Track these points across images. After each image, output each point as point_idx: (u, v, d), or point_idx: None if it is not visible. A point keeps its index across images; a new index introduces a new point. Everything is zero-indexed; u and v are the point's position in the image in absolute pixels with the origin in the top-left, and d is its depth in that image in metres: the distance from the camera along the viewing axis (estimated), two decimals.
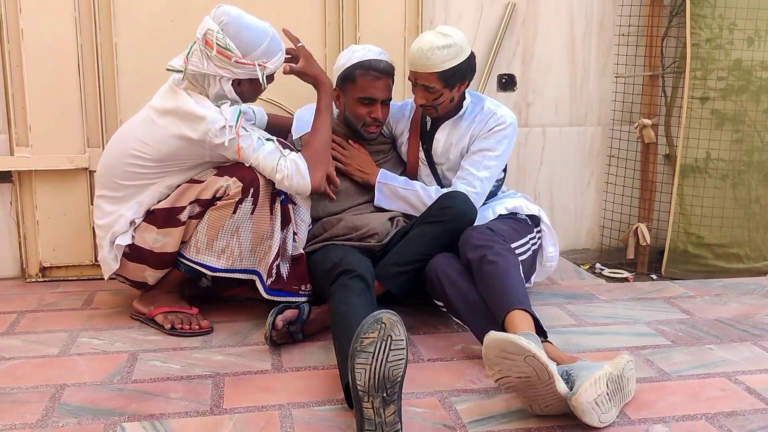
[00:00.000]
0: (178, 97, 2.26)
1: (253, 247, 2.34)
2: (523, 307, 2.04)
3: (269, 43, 2.27)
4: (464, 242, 2.30)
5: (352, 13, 2.96)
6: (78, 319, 2.50)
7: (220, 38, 2.21)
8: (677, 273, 3.13)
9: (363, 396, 1.65)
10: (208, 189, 2.27)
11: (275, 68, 2.33)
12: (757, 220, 3.16)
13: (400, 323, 1.69)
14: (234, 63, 2.22)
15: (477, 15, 3.15)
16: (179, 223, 2.29)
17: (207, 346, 2.28)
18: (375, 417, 1.66)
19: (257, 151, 2.26)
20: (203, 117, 2.21)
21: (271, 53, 2.28)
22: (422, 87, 2.48)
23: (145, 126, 2.31)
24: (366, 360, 1.65)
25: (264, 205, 2.31)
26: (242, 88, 2.32)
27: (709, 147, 3.09)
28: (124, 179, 2.32)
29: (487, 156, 2.54)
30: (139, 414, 1.84)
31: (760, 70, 3.07)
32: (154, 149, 2.27)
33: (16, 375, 2.07)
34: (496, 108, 2.59)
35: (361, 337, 1.66)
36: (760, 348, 2.31)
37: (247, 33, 2.24)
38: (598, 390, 1.77)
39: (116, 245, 2.34)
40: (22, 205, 2.87)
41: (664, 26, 3.20)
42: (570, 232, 3.43)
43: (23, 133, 2.79)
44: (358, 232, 2.46)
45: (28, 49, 2.74)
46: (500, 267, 2.17)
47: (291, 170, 2.27)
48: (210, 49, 2.21)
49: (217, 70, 2.23)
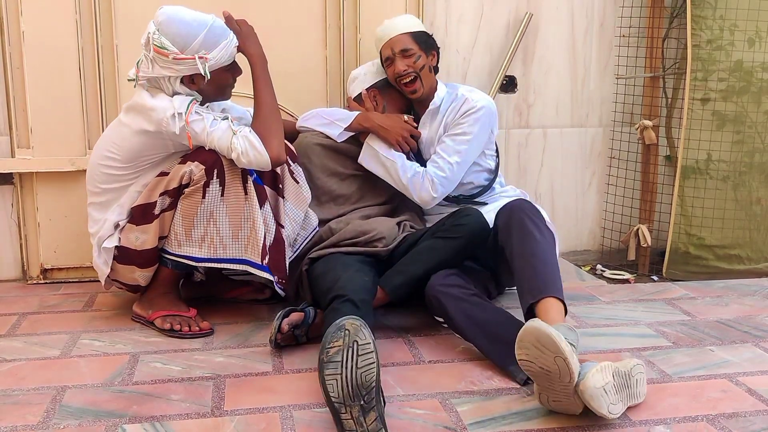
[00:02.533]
0: (136, 95, 2.29)
1: (233, 232, 2.31)
2: (559, 296, 2.05)
3: (206, 33, 2.23)
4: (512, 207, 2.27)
5: (352, 16, 2.96)
6: (79, 321, 2.50)
7: (155, 38, 2.21)
8: (678, 274, 3.13)
9: (340, 408, 1.63)
10: (174, 178, 2.28)
11: (221, 59, 2.27)
12: (758, 221, 3.15)
13: (364, 326, 1.67)
14: (173, 60, 2.22)
15: (477, 16, 3.15)
16: (153, 218, 2.30)
17: (208, 347, 2.28)
18: (357, 427, 1.63)
19: (211, 134, 2.25)
20: (153, 107, 2.22)
21: (211, 44, 2.24)
22: (400, 53, 2.54)
23: (114, 128, 2.36)
24: (335, 370, 1.63)
25: (234, 185, 2.29)
26: (198, 85, 2.30)
27: (710, 148, 3.09)
28: (103, 182, 2.35)
29: (458, 140, 2.54)
30: (140, 416, 1.84)
31: (760, 71, 3.07)
32: (122, 148, 2.29)
33: (18, 376, 2.07)
34: (468, 93, 2.60)
35: (327, 348, 1.64)
36: (761, 349, 2.31)
37: (181, 27, 2.22)
38: (605, 378, 1.76)
39: (104, 248, 2.37)
40: (23, 207, 2.87)
41: (665, 27, 3.20)
42: (571, 234, 3.43)
43: (24, 135, 2.80)
44: (365, 236, 2.46)
45: (30, 50, 2.74)
46: (541, 246, 2.16)
47: (245, 146, 2.24)
48: (150, 51, 2.23)
49: (161, 71, 2.24)
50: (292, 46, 2.35)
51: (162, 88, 2.28)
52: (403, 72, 2.53)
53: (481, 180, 2.68)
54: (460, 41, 3.14)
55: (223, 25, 2.30)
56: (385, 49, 2.56)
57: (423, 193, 2.52)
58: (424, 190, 2.52)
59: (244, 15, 2.37)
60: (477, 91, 2.63)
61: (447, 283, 2.27)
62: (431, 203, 2.56)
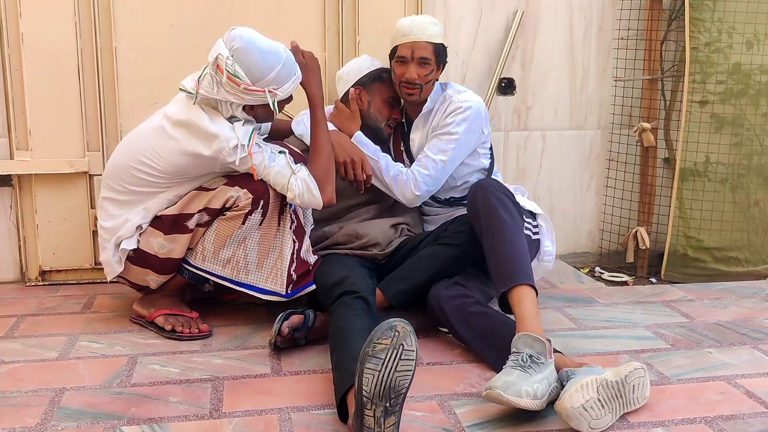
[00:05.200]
0: (192, 112, 2.23)
1: (259, 260, 2.32)
2: (529, 281, 2.08)
3: (280, 69, 2.21)
4: (477, 187, 2.30)
5: (351, 18, 2.96)
6: (77, 323, 2.50)
7: (229, 65, 2.17)
8: (677, 276, 3.13)
9: (366, 402, 1.64)
10: (218, 198, 2.26)
11: (287, 94, 2.27)
12: (756, 223, 3.16)
13: (412, 333, 1.68)
14: (243, 90, 2.18)
15: (476, 19, 3.15)
16: (186, 230, 2.29)
17: (206, 349, 2.28)
18: (374, 426, 1.64)
19: (269, 168, 2.24)
20: (216, 135, 2.19)
21: (283, 79, 2.23)
22: (419, 60, 2.49)
23: (157, 135, 2.28)
24: (376, 366, 1.63)
25: (273, 217, 2.31)
26: (256, 111, 2.30)
27: (709, 150, 3.09)
28: (133, 184, 2.31)
29: (443, 139, 2.52)
30: (138, 417, 1.84)
31: (759, 73, 3.07)
32: (164, 160, 2.25)
33: (16, 378, 2.07)
34: (456, 94, 2.58)
35: (374, 342, 1.64)
36: (759, 351, 2.31)
37: (258, 59, 2.18)
38: (585, 396, 1.77)
39: (121, 249, 2.33)
40: (22, 209, 2.87)
41: (664, 30, 3.20)
42: (569, 236, 3.43)
43: (23, 136, 2.80)
44: (359, 241, 2.46)
45: (29, 53, 2.74)
46: (508, 226, 2.19)
47: (302, 189, 2.25)
48: (220, 75, 2.18)
49: (227, 96, 2.20)
50: None
51: (219, 109, 2.25)
52: (412, 80, 2.51)
53: (474, 179, 2.66)
54: (459, 43, 3.15)
55: (293, 58, 2.29)
56: (404, 48, 2.51)
57: (406, 191, 2.50)
58: (407, 188, 2.49)
59: (244, 18, 2.38)
60: (466, 91, 2.60)
61: (449, 295, 2.28)
62: (416, 201, 2.54)
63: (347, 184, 2.57)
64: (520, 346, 1.90)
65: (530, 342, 1.89)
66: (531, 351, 1.88)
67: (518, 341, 1.91)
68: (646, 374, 1.93)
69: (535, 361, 1.86)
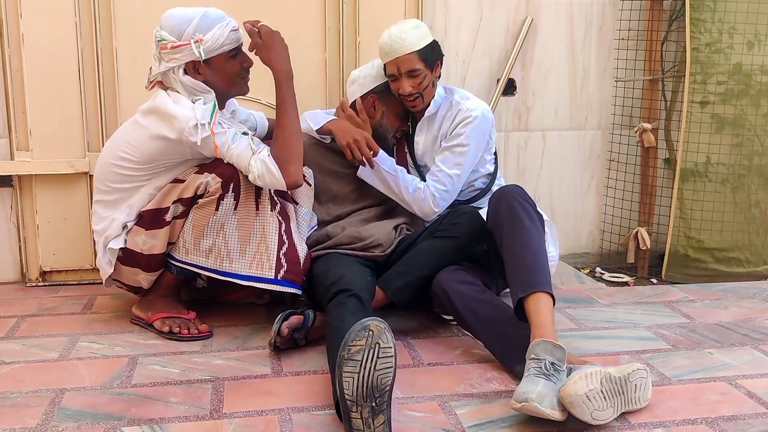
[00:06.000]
0: (157, 97, 2.28)
1: (241, 246, 2.31)
2: (548, 289, 2.06)
3: (200, 18, 2.24)
4: (502, 193, 2.28)
5: (352, 18, 2.96)
6: (78, 323, 2.50)
7: (157, 34, 2.25)
8: (677, 277, 3.13)
9: (351, 406, 1.63)
10: (190, 187, 2.28)
11: (217, 41, 2.25)
12: (757, 224, 3.16)
13: (387, 330, 1.67)
14: (171, 49, 2.23)
15: (477, 20, 3.15)
16: (164, 224, 2.30)
17: (207, 350, 2.28)
18: (363, 427, 1.64)
19: (231, 149, 2.25)
20: (176, 116, 2.21)
21: (206, 27, 2.24)
22: (407, 73, 2.48)
23: (130, 128, 2.34)
24: (354, 368, 1.63)
25: (247, 201, 2.30)
26: (204, 75, 2.29)
27: (709, 151, 3.09)
28: (114, 182, 2.34)
29: (456, 152, 2.54)
30: (138, 418, 1.84)
31: (759, 74, 3.07)
32: (138, 150, 2.28)
33: (16, 379, 2.07)
34: (464, 101, 2.58)
35: (349, 345, 1.64)
36: (760, 352, 2.31)
37: (176, 17, 2.25)
38: (589, 385, 1.76)
39: (109, 249, 2.36)
40: (22, 210, 2.87)
41: (664, 30, 3.20)
42: (570, 236, 3.43)
43: (24, 137, 2.80)
44: (362, 242, 2.46)
45: (29, 53, 2.74)
46: (531, 234, 2.17)
47: (261, 170, 2.23)
48: (155, 50, 2.26)
49: (166, 65, 2.25)
50: (290, 49, 2.34)
51: (171, 84, 2.28)
52: (408, 93, 2.52)
53: (479, 183, 2.68)
54: (460, 44, 3.14)
55: (222, 13, 2.30)
56: (391, 66, 2.51)
57: (425, 207, 2.54)
58: (426, 204, 2.53)
59: (244, 18, 2.37)
60: (473, 98, 2.61)
61: (456, 279, 2.28)
62: (432, 216, 2.57)
63: (350, 191, 2.58)
64: (540, 352, 1.88)
65: (551, 349, 1.88)
66: (552, 358, 1.86)
67: (537, 347, 1.89)
68: (648, 376, 1.93)
69: (557, 368, 1.85)
